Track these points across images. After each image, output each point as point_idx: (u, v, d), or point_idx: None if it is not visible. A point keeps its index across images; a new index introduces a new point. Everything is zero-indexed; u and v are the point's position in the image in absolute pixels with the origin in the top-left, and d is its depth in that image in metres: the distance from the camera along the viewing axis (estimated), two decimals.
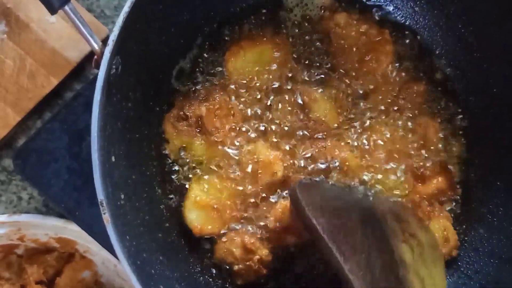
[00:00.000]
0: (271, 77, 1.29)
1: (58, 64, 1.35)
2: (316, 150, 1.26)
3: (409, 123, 1.31)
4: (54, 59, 1.35)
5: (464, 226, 1.31)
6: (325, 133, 1.28)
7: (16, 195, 1.39)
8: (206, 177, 1.25)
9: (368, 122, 1.30)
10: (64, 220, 1.29)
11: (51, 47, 1.35)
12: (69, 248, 1.36)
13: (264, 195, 1.25)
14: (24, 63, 1.34)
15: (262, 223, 1.25)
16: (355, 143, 1.29)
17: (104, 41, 1.24)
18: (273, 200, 1.25)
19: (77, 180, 1.28)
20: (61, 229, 1.30)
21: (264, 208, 1.25)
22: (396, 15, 1.34)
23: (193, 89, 1.29)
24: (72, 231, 1.29)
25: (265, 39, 1.30)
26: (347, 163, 1.26)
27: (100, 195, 0.96)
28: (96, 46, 1.02)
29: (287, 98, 1.29)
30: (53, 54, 1.35)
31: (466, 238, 1.30)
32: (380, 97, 1.31)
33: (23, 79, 1.34)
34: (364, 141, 1.29)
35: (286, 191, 1.25)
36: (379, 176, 1.28)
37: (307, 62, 1.31)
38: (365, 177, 1.27)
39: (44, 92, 1.35)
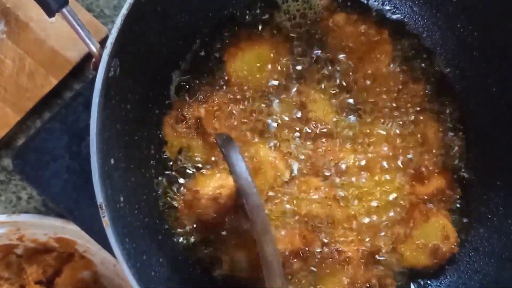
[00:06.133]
0: (270, 78, 1.29)
1: (57, 63, 1.35)
2: (316, 151, 1.27)
3: (409, 123, 1.30)
4: (54, 58, 1.35)
5: (464, 226, 1.31)
6: (324, 133, 1.28)
7: (16, 195, 1.39)
8: (205, 179, 1.25)
9: (367, 122, 1.30)
10: (63, 220, 1.29)
11: (51, 46, 1.35)
12: (69, 248, 1.36)
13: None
14: (23, 62, 1.34)
15: None
16: (354, 144, 1.29)
17: (103, 41, 1.25)
18: (274, 201, 1.26)
19: (76, 180, 1.28)
20: (60, 229, 1.30)
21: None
22: (395, 15, 1.34)
23: (192, 90, 1.28)
24: (71, 231, 1.29)
25: (263, 40, 1.29)
26: (346, 164, 1.27)
27: (100, 198, 0.96)
28: (94, 49, 1.01)
29: (286, 99, 1.28)
30: (52, 54, 1.35)
31: (466, 238, 1.30)
32: (379, 97, 1.30)
33: (22, 79, 1.34)
34: (363, 141, 1.29)
35: (287, 193, 1.26)
36: (379, 176, 1.28)
37: (306, 62, 1.30)
38: (364, 178, 1.28)
39: (44, 91, 1.34)
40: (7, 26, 1.34)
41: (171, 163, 1.27)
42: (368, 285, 1.26)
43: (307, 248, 1.24)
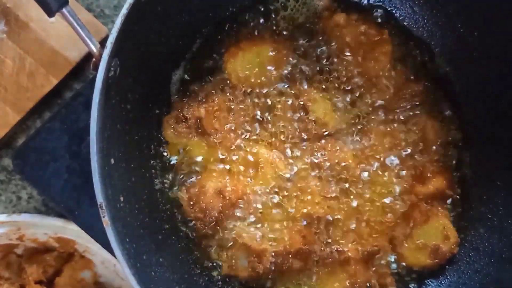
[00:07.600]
0: (270, 77, 1.28)
1: (57, 63, 1.35)
2: (316, 151, 1.27)
3: (408, 123, 1.30)
4: (54, 58, 1.35)
5: (464, 226, 1.31)
6: (324, 133, 1.28)
7: (16, 194, 1.39)
8: (205, 179, 1.25)
9: (367, 122, 1.30)
10: (63, 219, 1.29)
11: (51, 46, 1.35)
12: (69, 248, 1.36)
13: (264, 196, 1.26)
14: (23, 62, 1.34)
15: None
16: (354, 143, 1.29)
17: (104, 41, 1.25)
18: (274, 200, 1.26)
19: (76, 180, 1.28)
20: (60, 228, 1.30)
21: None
22: (395, 15, 1.33)
23: (192, 90, 1.28)
24: (71, 230, 1.30)
25: (263, 40, 1.29)
26: (346, 163, 1.27)
27: (100, 198, 0.96)
28: (94, 49, 1.01)
29: (286, 99, 1.28)
30: (52, 54, 1.35)
31: (466, 238, 1.30)
32: (379, 97, 1.30)
33: (22, 79, 1.33)
34: (363, 141, 1.29)
35: (287, 193, 1.26)
36: (379, 176, 1.28)
37: (306, 62, 1.30)
38: (364, 177, 1.28)
39: (44, 91, 1.34)
40: (7, 26, 1.34)
41: (171, 163, 1.27)
42: (368, 285, 1.26)
43: (307, 248, 1.24)
